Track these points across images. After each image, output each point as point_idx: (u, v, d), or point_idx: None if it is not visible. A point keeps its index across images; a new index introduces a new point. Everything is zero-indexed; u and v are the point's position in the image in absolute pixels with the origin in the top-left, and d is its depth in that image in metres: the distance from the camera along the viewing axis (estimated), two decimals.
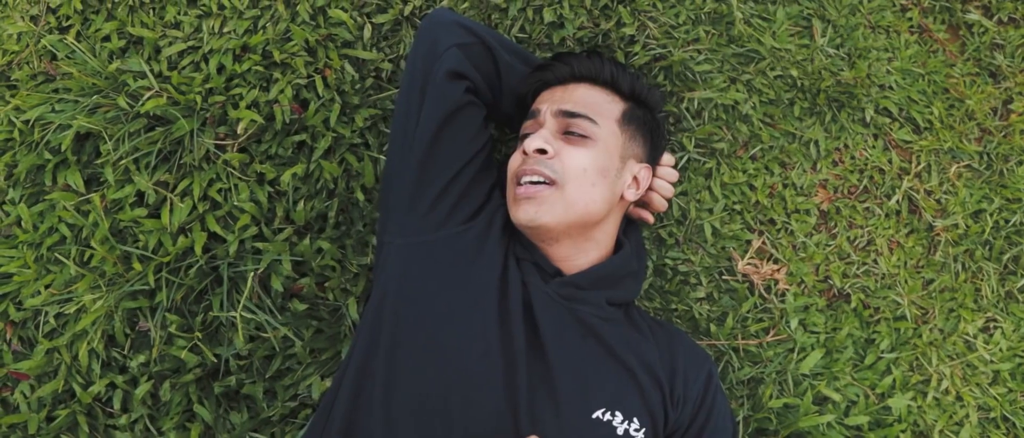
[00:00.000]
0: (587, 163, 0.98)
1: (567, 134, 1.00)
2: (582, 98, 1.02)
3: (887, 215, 1.35)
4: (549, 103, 1.02)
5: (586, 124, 0.99)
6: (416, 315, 0.93)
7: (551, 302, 0.96)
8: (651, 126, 1.08)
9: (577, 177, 0.97)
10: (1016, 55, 1.49)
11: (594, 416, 0.89)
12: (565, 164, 0.97)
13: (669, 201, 1.23)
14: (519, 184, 0.98)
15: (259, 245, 1.12)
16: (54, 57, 1.25)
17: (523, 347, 0.91)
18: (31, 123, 1.17)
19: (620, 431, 0.89)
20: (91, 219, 1.12)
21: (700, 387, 1.01)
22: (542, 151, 0.98)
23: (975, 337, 1.32)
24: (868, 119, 1.37)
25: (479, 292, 0.94)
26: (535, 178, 0.97)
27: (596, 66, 1.04)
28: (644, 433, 0.91)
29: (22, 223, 1.14)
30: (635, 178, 1.06)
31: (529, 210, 0.96)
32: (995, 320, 1.34)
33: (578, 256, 1.01)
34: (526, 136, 1.03)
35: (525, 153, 0.99)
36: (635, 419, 0.91)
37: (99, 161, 1.15)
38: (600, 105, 1.02)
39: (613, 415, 0.90)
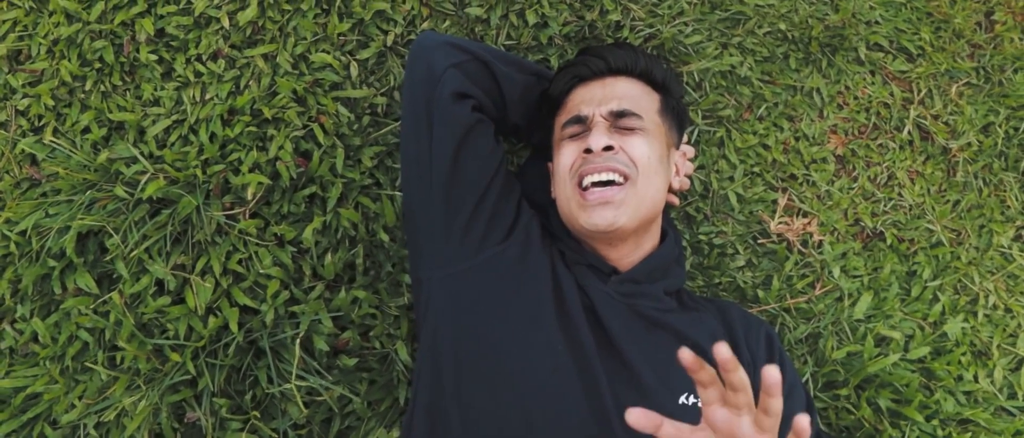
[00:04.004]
0: (649, 151, 0.96)
1: (620, 128, 0.97)
2: (625, 93, 1.00)
3: (901, 147, 1.36)
4: (591, 105, 0.99)
5: (636, 121, 0.97)
6: (475, 345, 0.90)
7: (611, 301, 0.94)
8: (680, 113, 1.07)
9: (645, 167, 0.95)
10: None
11: (680, 403, 0.88)
12: (632, 155, 0.95)
13: (690, 177, 1.22)
14: (586, 187, 0.94)
15: (294, 309, 1.08)
16: (35, 160, 1.19)
17: (594, 351, 0.88)
18: (27, 233, 1.11)
19: None
20: (112, 319, 1.06)
21: (763, 350, 1.00)
22: (609, 147, 0.94)
23: (1010, 248, 1.32)
24: (862, 57, 1.37)
25: (534, 307, 0.92)
26: (606, 177, 0.93)
27: (631, 57, 1.02)
28: None
29: (39, 338, 1.08)
30: (676, 165, 1.05)
31: (607, 215, 0.92)
32: None
33: (634, 251, 0.99)
34: (573, 137, 1.00)
35: (589, 151, 0.95)
36: None
37: (107, 257, 1.10)
38: (641, 99, 1.00)
39: (696, 398, 0.88)
